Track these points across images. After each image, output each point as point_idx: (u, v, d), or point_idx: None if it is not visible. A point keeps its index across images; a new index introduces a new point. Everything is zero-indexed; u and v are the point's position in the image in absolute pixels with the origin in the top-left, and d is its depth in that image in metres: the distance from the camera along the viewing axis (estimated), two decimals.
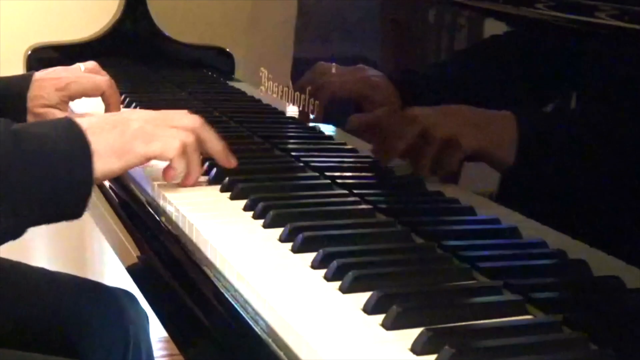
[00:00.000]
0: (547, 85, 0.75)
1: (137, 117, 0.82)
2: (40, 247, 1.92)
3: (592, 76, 0.70)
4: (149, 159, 0.82)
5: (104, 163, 0.76)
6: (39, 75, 1.12)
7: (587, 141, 0.69)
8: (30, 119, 1.08)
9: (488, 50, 0.81)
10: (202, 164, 0.91)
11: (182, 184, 0.88)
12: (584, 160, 0.69)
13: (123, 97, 1.28)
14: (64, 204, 0.75)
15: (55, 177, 0.73)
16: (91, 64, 1.18)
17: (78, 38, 1.66)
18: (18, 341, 1.00)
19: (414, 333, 0.57)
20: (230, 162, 0.90)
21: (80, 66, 1.16)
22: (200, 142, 0.86)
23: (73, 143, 0.75)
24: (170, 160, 0.84)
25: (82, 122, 0.78)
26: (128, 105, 1.30)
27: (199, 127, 0.86)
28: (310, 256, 0.71)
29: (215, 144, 0.89)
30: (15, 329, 1.02)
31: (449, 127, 0.83)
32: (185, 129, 0.85)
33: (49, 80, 1.11)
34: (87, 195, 0.76)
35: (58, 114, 1.08)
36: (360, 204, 0.87)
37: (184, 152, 0.84)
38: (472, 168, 0.81)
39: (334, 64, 1.06)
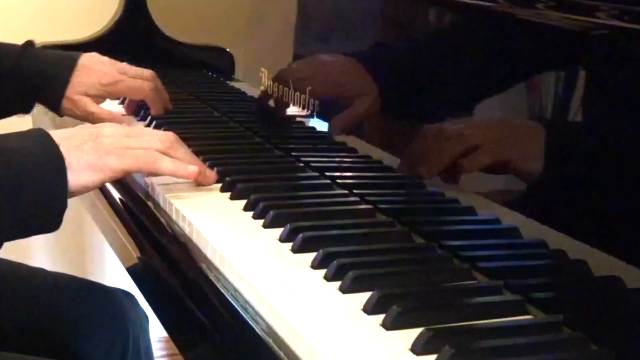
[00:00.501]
0: (547, 87, 0.75)
1: (109, 132, 0.81)
2: (40, 248, 1.92)
3: (588, 75, 0.70)
4: (125, 173, 0.82)
5: (78, 177, 0.76)
6: (86, 60, 1.10)
7: (587, 141, 0.69)
8: (64, 103, 1.08)
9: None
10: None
11: (196, 181, 0.86)
12: (583, 160, 0.69)
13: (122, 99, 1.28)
14: (39, 219, 0.74)
15: (29, 191, 0.72)
16: (144, 72, 1.14)
17: (78, 38, 1.66)
18: (17, 342, 1.00)
19: (414, 333, 0.57)
20: (208, 180, 0.88)
21: (126, 66, 1.14)
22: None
23: (46, 156, 0.74)
24: (156, 170, 0.83)
25: (55, 135, 0.76)
26: None
27: (170, 146, 0.84)
28: (310, 256, 0.71)
29: (188, 161, 0.86)
30: (15, 330, 1.02)
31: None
32: (161, 141, 0.83)
33: (96, 72, 1.08)
34: (62, 209, 0.75)
35: (89, 104, 1.07)
36: (360, 204, 0.87)
37: (165, 154, 0.82)
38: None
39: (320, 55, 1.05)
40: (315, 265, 0.70)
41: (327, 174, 0.96)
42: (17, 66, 1.07)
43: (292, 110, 1.13)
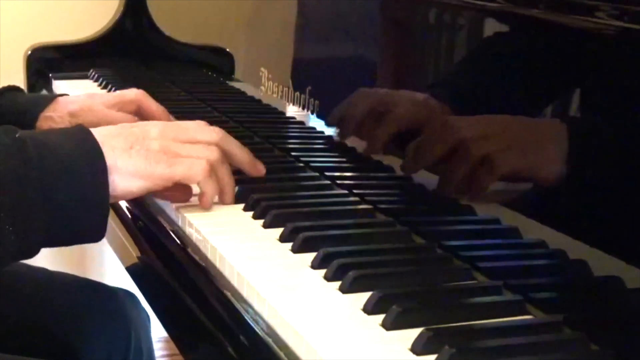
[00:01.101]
0: (547, 89, 0.75)
1: (156, 134, 0.75)
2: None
3: (591, 74, 0.70)
4: (172, 182, 0.76)
5: (122, 180, 0.71)
6: (61, 97, 1.05)
7: (587, 142, 0.69)
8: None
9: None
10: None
11: (221, 202, 0.82)
12: (583, 160, 0.69)
13: None
14: (78, 224, 0.68)
15: (69, 194, 0.66)
16: (121, 97, 1.06)
17: (78, 38, 1.66)
18: (18, 341, 1.00)
19: (414, 333, 0.57)
20: (259, 169, 0.85)
21: (107, 97, 1.07)
22: (225, 155, 0.80)
23: (87, 154, 0.68)
24: (198, 183, 0.78)
25: (97, 133, 0.70)
26: None
27: (221, 140, 0.80)
28: (310, 256, 0.71)
29: (241, 155, 0.83)
30: (15, 329, 1.02)
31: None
32: (209, 143, 0.78)
33: (66, 103, 1.03)
34: (104, 214, 0.69)
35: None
36: (360, 204, 0.87)
37: (211, 171, 0.77)
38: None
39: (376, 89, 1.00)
40: (316, 265, 0.70)
41: (327, 174, 0.96)
42: None
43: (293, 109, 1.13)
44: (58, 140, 0.69)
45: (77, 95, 1.10)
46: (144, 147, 0.73)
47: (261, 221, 0.80)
